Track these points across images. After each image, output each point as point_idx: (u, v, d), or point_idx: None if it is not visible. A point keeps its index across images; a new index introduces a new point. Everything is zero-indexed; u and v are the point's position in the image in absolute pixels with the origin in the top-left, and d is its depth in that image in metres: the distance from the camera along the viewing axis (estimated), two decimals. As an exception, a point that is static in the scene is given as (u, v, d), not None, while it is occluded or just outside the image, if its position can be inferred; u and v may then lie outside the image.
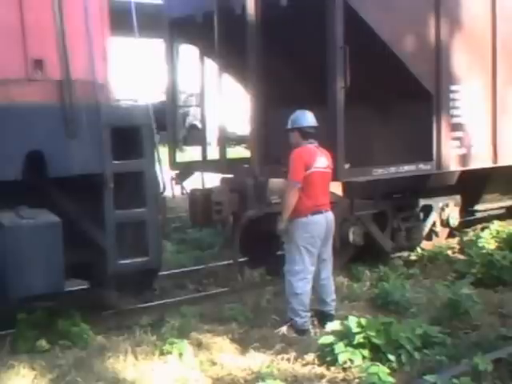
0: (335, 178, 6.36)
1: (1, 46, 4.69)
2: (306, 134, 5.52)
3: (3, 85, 4.67)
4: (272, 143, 7.38)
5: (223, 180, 7.28)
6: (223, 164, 7.64)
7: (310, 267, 5.46)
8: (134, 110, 5.47)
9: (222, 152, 7.78)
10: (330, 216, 5.58)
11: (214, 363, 4.75)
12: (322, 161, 5.53)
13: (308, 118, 5.55)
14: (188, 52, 8.03)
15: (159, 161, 5.62)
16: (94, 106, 5.01)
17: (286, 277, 5.49)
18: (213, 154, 8.39)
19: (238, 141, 15.62)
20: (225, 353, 4.93)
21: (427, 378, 4.17)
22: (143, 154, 5.30)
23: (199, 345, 5.04)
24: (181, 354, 4.75)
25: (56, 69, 4.86)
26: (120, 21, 5.49)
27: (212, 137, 10.29)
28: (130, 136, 5.22)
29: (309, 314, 5.50)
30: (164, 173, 5.76)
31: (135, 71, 6.44)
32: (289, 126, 5.59)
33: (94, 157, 5.00)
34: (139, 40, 5.74)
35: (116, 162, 5.12)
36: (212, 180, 7.54)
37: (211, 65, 8.11)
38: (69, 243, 4.84)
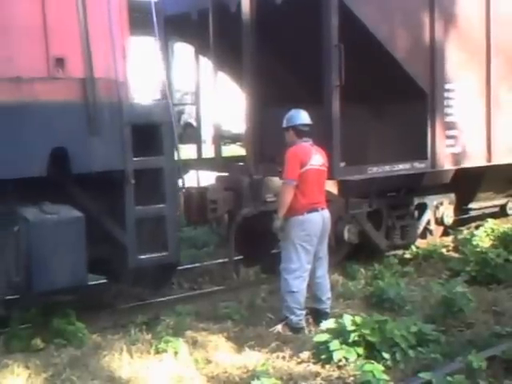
0: (330, 177, 6.38)
1: (23, 44, 4.74)
2: (300, 132, 5.55)
3: (28, 83, 4.72)
4: (267, 141, 7.38)
5: (218, 178, 7.28)
6: (218, 162, 7.63)
7: (306, 265, 5.47)
8: (154, 107, 5.57)
9: (217, 150, 7.78)
10: (326, 214, 5.59)
11: (209, 361, 4.75)
12: (317, 158, 5.55)
13: (302, 117, 5.58)
14: (183, 50, 8.01)
15: (179, 158, 5.73)
16: (115, 103, 5.11)
17: (282, 275, 5.50)
18: (208, 152, 8.39)
19: (233, 139, 15.57)
20: (220, 351, 4.93)
21: (422, 375, 4.19)
22: (163, 151, 5.39)
23: (194, 343, 5.04)
24: (176, 353, 4.75)
25: (79, 67, 4.93)
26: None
27: (207, 135, 10.27)
28: (149, 133, 5.31)
29: (304, 312, 5.52)
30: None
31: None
32: (284, 125, 5.62)
33: (115, 154, 5.11)
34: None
35: (136, 158, 5.21)
36: (207, 178, 7.54)
37: (206, 63, 8.09)
38: (88, 239, 4.92)
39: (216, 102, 7.76)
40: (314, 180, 5.50)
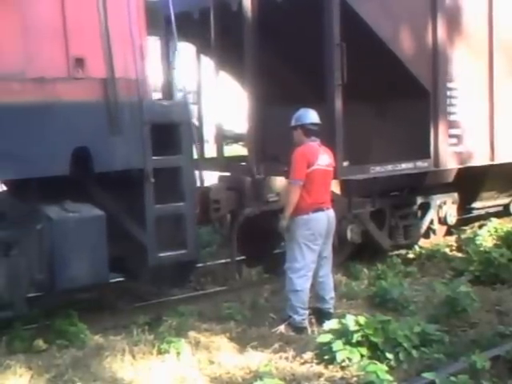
0: (333, 176, 6.36)
1: (44, 45, 4.78)
2: (308, 131, 5.56)
3: (51, 83, 4.77)
4: (269, 141, 7.36)
5: (221, 178, 7.27)
6: (220, 162, 7.62)
7: (311, 264, 5.48)
8: (173, 107, 5.62)
9: (220, 150, 7.77)
10: (331, 214, 5.60)
11: (211, 362, 4.74)
12: (324, 159, 5.57)
13: (311, 116, 5.60)
14: (184, 49, 8.02)
15: (197, 156, 5.81)
16: (136, 103, 5.17)
17: (287, 274, 5.51)
18: (210, 151, 8.37)
19: (236, 138, 15.54)
20: (223, 352, 4.92)
21: (425, 375, 4.18)
22: (182, 150, 5.45)
23: (197, 344, 5.03)
24: (178, 353, 4.75)
25: (99, 67, 4.99)
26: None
27: (209, 134, 10.27)
28: (168, 132, 5.38)
29: (307, 312, 5.51)
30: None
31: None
32: (292, 124, 5.64)
33: (135, 153, 5.18)
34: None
35: (156, 157, 5.28)
36: (209, 178, 7.53)
37: (208, 62, 8.08)
38: (108, 237, 4.99)
39: (218, 102, 7.75)
40: (321, 180, 5.51)
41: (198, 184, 5.87)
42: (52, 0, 4.79)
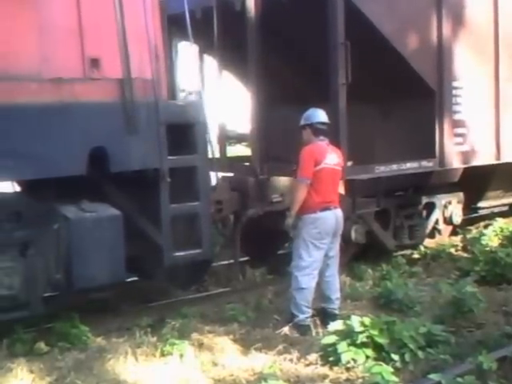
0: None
1: (59, 45, 4.81)
2: (317, 130, 5.58)
3: (68, 83, 4.82)
4: (272, 141, 7.34)
5: (224, 178, 7.25)
6: (223, 162, 7.60)
7: (317, 263, 5.48)
8: (188, 107, 5.66)
9: (223, 150, 7.75)
10: (338, 213, 5.60)
11: (215, 364, 4.72)
12: (333, 158, 5.58)
13: (320, 115, 5.63)
14: (187, 49, 8.03)
15: (212, 156, 5.92)
16: (152, 103, 5.22)
17: (293, 272, 5.52)
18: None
19: (238, 139, 15.53)
20: (226, 353, 4.90)
21: (431, 376, 4.16)
22: (196, 149, 5.49)
23: (200, 345, 5.01)
24: (182, 355, 4.73)
25: (115, 67, 5.03)
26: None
27: (212, 135, 10.25)
28: (183, 132, 5.43)
29: (310, 311, 5.50)
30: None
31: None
32: (301, 123, 5.65)
33: (151, 152, 5.23)
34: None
35: (171, 157, 5.32)
36: (212, 178, 7.51)
37: (211, 62, 8.07)
38: (124, 236, 5.03)
39: (221, 102, 7.73)
40: (329, 179, 5.52)
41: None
42: (68, 0, 4.83)
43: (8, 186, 5.42)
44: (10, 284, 4.79)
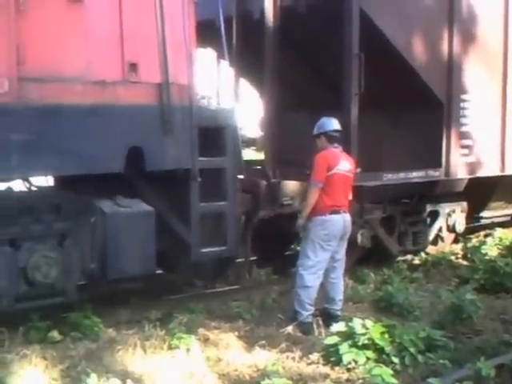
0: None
1: (101, 49, 5.00)
2: (331, 138, 5.77)
3: (110, 86, 5.00)
4: (285, 146, 7.44)
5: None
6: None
7: (323, 264, 5.63)
8: (220, 112, 5.90)
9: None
10: (347, 217, 5.76)
11: (220, 359, 4.80)
12: (345, 164, 5.75)
13: (333, 123, 5.82)
14: (202, 55, 8.15)
15: (242, 159, 6.09)
16: (186, 107, 5.40)
17: (298, 270, 5.67)
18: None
19: (248, 143, 15.67)
20: (231, 349, 4.98)
21: (431, 381, 4.20)
22: (226, 152, 5.71)
23: (206, 341, 5.11)
24: (188, 349, 4.82)
25: (153, 72, 5.21)
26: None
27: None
28: (214, 135, 5.64)
29: (313, 309, 5.64)
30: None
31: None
32: (315, 132, 5.83)
33: (184, 153, 5.43)
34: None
35: (202, 158, 5.50)
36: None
37: (227, 68, 8.18)
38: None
39: (236, 107, 7.84)
40: (340, 184, 5.70)
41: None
42: (111, 8, 5.01)
43: (49, 180, 5.63)
44: (49, 272, 4.99)
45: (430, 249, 8.24)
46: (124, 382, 4.14)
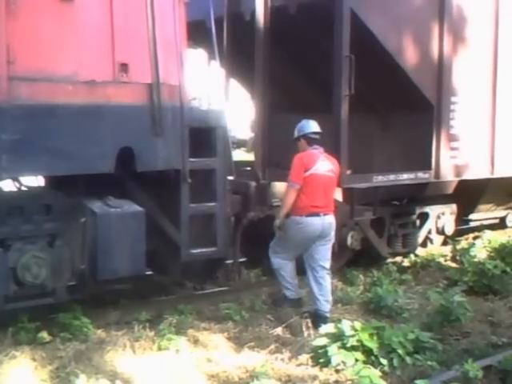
0: (336, 184, 6.46)
1: (92, 49, 5.00)
2: (310, 140, 5.84)
3: (101, 86, 5.00)
4: (274, 148, 7.47)
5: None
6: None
7: (289, 257, 5.97)
8: (210, 112, 5.92)
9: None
10: (328, 219, 5.77)
11: (209, 360, 4.80)
12: (325, 165, 5.77)
13: (311, 126, 5.87)
14: (193, 56, 8.16)
15: (232, 160, 6.14)
16: (177, 107, 5.41)
17: (270, 253, 6.04)
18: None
19: (238, 144, 15.72)
20: (220, 351, 4.99)
21: (418, 382, 4.23)
22: (216, 153, 5.72)
23: (196, 342, 5.12)
24: (177, 350, 4.84)
25: (143, 72, 5.23)
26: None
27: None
28: (204, 136, 5.64)
29: (296, 282, 6.04)
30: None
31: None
32: (295, 135, 5.89)
33: (174, 154, 5.44)
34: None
35: (192, 159, 5.53)
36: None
37: (217, 68, 8.19)
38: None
39: (226, 108, 7.85)
40: (319, 185, 5.71)
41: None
42: (102, 8, 5.01)
43: (39, 181, 5.60)
44: (38, 273, 4.99)
45: (420, 251, 8.28)
46: (113, 383, 4.14)
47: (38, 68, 4.74)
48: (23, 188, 5.42)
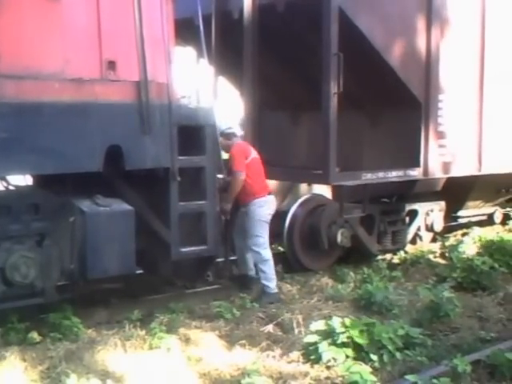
0: (326, 181, 6.52)
1: (79, 47, 4.97)
2: (228, 135, 6.42)
3: (88, 84, 4.98)
4: (264, 145, 7.48)
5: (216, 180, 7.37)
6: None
7: (268, 238, 6.37)
8: (199, 110, 5.89)
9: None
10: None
11: (201, 359, 4.79)
12: (254, 151, 6.45)
13: (222, 123, 6.42)
14: (181, 54, 8.16)
15: (222, 158, 6.22)
16: (165, 105, 5.40)
17: (253, 250, 6.33)
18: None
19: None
20: (212, 349, 4.98)
21: (408, 377, 4.25)
22: (205, 151, 5.72)
23: (187, 340, 5.11)
24: (169, 349, 4.82)
25: (131, 70, 5.21)
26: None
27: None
28: (193, 134, 5.65)
29: (275, 279, 6.39)
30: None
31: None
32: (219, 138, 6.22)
33: (163, 152, 5.42)
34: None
35: (181, 157, 5.52)
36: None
37: (206, 67, 8.19)
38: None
39: (214, 105, 7.86)
40: (260, 168, 6.39)
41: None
42: (89, 6, 4.99)
43: (27, 180, 5.59)
44: (27, 272, 4.97)
45: (409, 248, 8.32)
46: (104, 383, 4.13)
47: (24, 66, 4.71)
48: (11, 187, 5.37)
